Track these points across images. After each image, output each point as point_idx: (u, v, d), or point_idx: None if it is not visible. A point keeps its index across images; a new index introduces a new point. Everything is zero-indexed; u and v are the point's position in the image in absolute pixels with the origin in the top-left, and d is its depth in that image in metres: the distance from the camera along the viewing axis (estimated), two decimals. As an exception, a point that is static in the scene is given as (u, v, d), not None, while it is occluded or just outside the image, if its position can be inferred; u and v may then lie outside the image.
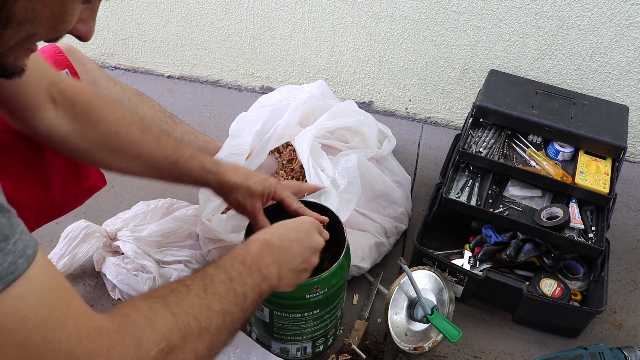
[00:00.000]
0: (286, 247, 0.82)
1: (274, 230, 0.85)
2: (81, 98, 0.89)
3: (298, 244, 0.84)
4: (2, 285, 0.49)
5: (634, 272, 1.36)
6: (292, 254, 0.82)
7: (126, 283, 1.17)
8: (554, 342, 1.19)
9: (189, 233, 1.25)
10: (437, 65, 1.64)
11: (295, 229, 0.86)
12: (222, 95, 1.82)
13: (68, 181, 0.94)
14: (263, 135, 1.26)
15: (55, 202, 0.92)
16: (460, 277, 1.20)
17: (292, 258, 0.82)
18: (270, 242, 0.80)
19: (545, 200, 1.28)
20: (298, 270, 0.84)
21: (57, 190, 0.91)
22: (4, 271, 0.49)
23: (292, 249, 0.82)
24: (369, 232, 1.27)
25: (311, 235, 0.87)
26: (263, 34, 1.71)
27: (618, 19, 1.42)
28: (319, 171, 1.18)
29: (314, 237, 0.88)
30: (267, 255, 0.78)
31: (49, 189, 0.90)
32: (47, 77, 0.86)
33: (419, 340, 1.13)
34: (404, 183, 1.41)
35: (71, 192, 0.96)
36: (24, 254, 0.51)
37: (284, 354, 1.07)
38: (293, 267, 0.82)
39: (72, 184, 0.95)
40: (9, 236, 0.50)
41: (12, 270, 0.50)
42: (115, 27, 1.81)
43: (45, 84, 0.86)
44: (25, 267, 0.51)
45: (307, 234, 0.87)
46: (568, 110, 1.32)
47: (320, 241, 0.88)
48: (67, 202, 0.96)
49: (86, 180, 0.99)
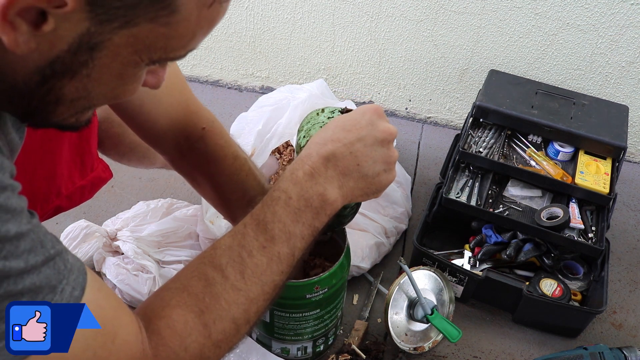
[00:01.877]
0: (346, 154, 0.65)
1: (326, 134, 0.67)
2: (206, 157, 0.89)
3: (361, 144, 0.65)
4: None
5: (634, 272, 1.36)
6: (356, 159, 0.65)
7: (126, 283, 1.17)
8: (554, 342, 1.19)
9: (189, 233, 1.25)
10: (437, 65, 1.64)
11: (354, 124, 0.66)
12: (222, 95, 1.82)
13: (73, 171, 0.92)
14: (264, 135, 1.26)
15: (60, 193, 0.91)
16: (460, 277, 1.20)
17: (356, 164, 0.65)
18: (322, 154, 0.64)
19: (545, 200, 1.28)
20: (372, 176, 0.67)
21: (62, 181, 0.90)
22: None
23: (353, 154, 0.65)
24: (369, 232, 1.27)
25: (376, 126, 0.67)
26: (263, 34, 1.71)
27: (618, 19, 1.42)
28: None
29: (380, 126, 0.67)
30: (320, 174, 0.64)
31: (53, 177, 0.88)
32: (178, 126, 0.86)
33: (419, 340, 1.13)
34: (404, 183, 1.41)
35: (76, 183, 0.95)
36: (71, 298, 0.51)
37: (284, 353, 1.07)
38: (362, 174, 0.66)
39: (77, 175, 0.94)
40: (55, 286, 0.50)
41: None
42: (115, 27, 1.81)
43: (174, 133, 0.86)
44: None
45: (371, 125, 0.67)
46: (568, 110, 1.32)
47: (390, 128, 0.68)
48: (72, 194, 0.95)
49: (91, 171, 0.98)
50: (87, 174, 0.97)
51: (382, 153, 0.67)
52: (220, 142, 0.90)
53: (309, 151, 0.66)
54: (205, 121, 0.90)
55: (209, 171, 0.91)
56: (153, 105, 0.84)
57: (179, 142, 0.89)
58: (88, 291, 0.53)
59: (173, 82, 0.85)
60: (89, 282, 0.54)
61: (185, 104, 0.88)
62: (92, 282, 0.55)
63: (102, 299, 0.56)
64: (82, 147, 0.94)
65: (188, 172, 0.95)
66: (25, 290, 0.48)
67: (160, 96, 0.83)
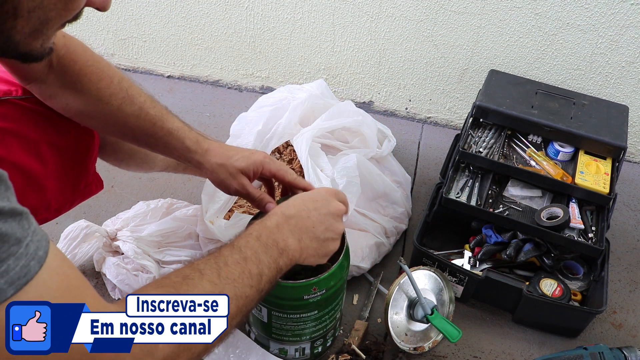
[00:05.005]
0: (304, 217, 0.80)
1: (289, 202, 0.83)
2: (72, 67, 0.88)
3: (316, 212, 0.82)
4: (13, 289, 0.49)
5: (634, 272, 1.36)
6: (312, 222, 0.80)
7: (126, 283, 1.17)
8: (554, 342, 1.19)
9: (189, 233, 1.25)
10: (437, 65, 1.64)
11: (312, 199, 0.84)
12: (222, 95, 1.82)
13: (65, 186, 0.94)
14: (264, 135, 1.26)
15: (50, 207, 0.92)
16: (460, 277, 1.20)
17: (312, 227, 0.80)
18: (286, 214, 0.79)
19: (545, 200, 1.28)
20: (322, 240, 0.81)
21: (52, 195, 0.91)
22: (15, 275, 0.50)
23: (310, 218, 0.80)
24: (369, 232, 1.27)
25: (329, 202, 0.84)
26: (263, 34, 1.71)
27: (618, 19, 1.42)
28: (318, 171, 1.18)
29: (333, 203, 0.85)
30: (284, 227, 0.77)
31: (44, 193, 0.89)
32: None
33: (419, 340, 1.13)
34: (404, 183, 1.41)
35: (67, 197, 0.96)
36: (36, 256, 0.52)
37: (282, 354, 1.07)
38: (315, 236, 0.80)
39: (68, 190, 0.95)
40: (21, 239, 0.51)
41: (24, 274, 0.50)
42: (115, 27, 1.81)
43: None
44: (37, 269, 0.51)
45: (325, 201, 0.84)
46: (568, 110, 1.32)
47: (340, 207, 0.85)
48: (62, 207, 0.96)
49: (85, 186, 0.99)
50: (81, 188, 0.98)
51: (332, 223, 0.83)
52: (80, 48, 0.90)
53: (276, 211, 0.81)
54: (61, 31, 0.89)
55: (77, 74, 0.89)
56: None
57: (50, 58, 0.86)
58: (52, 257, 0.54)
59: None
60: (52, 249, 0.55)
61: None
62: (56, 251, 0.55)
63: (67, 268, 0.56)
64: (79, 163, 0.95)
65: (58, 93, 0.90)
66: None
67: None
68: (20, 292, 0.50)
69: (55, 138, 0.90)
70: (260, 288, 0.71)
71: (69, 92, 0.89)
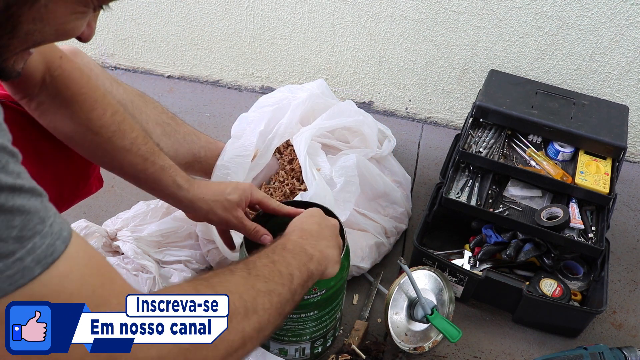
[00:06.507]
0: (317, 230, 0.86)
1: (298, 220, 0.89)
2: (65, 91, 0.87)
3: (324, 225, 0.88)
4: (41, 267, 0.49)
5: (634, 272, 1.36)
6: (324, 234, 0.86)
7: (126, 283, 1.17)
8: (554, 342, 1.19)
9: (189, 233, 1.25)
10: (437, 65, 1.64)
11: (312, 215, 0.91)
12: (222, 95, 1.82)
13: (63, 189, 0.93)
14: (266, 135, 1.26)
15: None
16: (460, 277, 1.20)
17: (324, 238, 0.85)
18: (304, 229, 0.84)
19: (545, 200, 1.28)
20: (334, 248, 0.87)
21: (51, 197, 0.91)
22: (42, 253, 0.49)
23: (322, 230, 0.87)
24: (369, 232, 1.27)
25: (324, 217, 0.91)
26: (263, 34, 1.71)
27: (618, 19, 1.42)
28: (314, 170, 1.18)
29: (326, 217, 0.92)
30: (308, 237, 0.82)
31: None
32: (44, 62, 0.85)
33: (419, 340, 1.13)
34: (404, 183, 1.41)
35: (65, 199, 0.95)
36: (61, 236, 0.52)
37: (282, 354, 1.07)
38: (330, 245, 0.85)
39: (67, 191, 0.94)
40: (44, 219, 0.50)
41: (51, 252, 0.50)
42: (115, 27, 1.81)
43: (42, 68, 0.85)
44: (63, 248, 0.51)
45: (321, 216, 0.91)
46: (568, 110, 1.32)
47: (334, 221, 0.92)
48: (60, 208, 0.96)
49: (83, 187, 0.99)
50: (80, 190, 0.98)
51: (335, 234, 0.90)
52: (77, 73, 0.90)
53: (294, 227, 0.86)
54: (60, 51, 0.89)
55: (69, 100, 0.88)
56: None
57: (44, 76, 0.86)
58: (75, 237, 0.54)
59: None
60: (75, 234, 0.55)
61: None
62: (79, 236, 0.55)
63: (91, 250, 0.57)
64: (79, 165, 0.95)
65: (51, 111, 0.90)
66: (16, 209, 0.48)
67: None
68: (49, 270, 0.50)
69: (56, 141, 0.90)
70: (293, 289, 0.72)
71: (58, 115, 0.88)
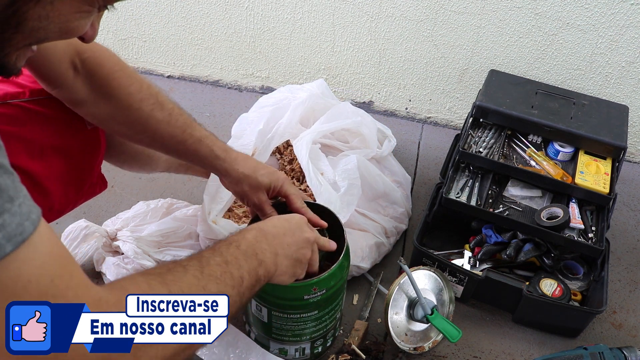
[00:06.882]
0: (280, 235, 0.83)
1: (267, 220, 0.87)
2: (100, 70, 0.89)
3: (291, 233, 0.85)
4: (12, 245, 0.49)
5: (634, 272, 1.36)
6: (286, 241, 0.83)
7: (126, 283, 1.17)
8: (554, 342, 1.19)
9: (189, 233, 1.25)
10: (437, 65, 1.64)
11: (287, 220, 0.88)
12: (222, 95, 1.82)
13: (69, 189, 0.94)
14: (266, 135, 1.26)
15: (53, 208, 0.92)
16: (460, 277, 1.20)
17: (286, 245, 0.83)
18: (264, 230, 0.82)
19: (545, 200, 1.28)
20: (293, 259, 0.84)
21: (56, 198, 0.91)
22: (13, 232, 0.49)
23: (285, 237, 0.84)
24: (369, 232, 1.27)
25: (302, 228, 0.88)
26: (263, 34, 1.71)
27: (618, 19, 1.42)
28: (319, 176, 1.18)
29: (305, 229, 0.89)
30: (262, 241, 0.79)
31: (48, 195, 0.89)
32: (72, 46, 0.86)
33: (419, 340, 1.13)
34: (404, 183, 1.41)
35: (71, 199, 0.96)
36: (29, 217, 0.51)
37: (282, 354, 1.07)
38: (288, 254, 0.83)
39: (72, 191, 0.95)
40: (14, 198, 0.50)
41: (20, 232, 0.50)
42: (115, 27, 1.81)
43: (70, 52, 0.86)
44: (32, 230, 0.51)
45: (298, 226, 0.88)
46: (568, 110, 1.32)
47: (311, 235, 0.89)
48: (65, 208, 0.96)
49: (88, 187, 0.99)
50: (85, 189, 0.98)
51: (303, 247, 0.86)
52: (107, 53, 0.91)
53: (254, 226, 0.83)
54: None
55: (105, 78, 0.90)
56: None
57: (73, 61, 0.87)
58: (43, 225, 0.53)
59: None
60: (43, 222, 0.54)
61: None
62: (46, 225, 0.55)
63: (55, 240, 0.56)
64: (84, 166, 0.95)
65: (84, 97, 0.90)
66: None
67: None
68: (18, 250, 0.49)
69: (61, 141, 0.90)
70: (242, 292, 0.71)
71: (98, 97, 0.89)
